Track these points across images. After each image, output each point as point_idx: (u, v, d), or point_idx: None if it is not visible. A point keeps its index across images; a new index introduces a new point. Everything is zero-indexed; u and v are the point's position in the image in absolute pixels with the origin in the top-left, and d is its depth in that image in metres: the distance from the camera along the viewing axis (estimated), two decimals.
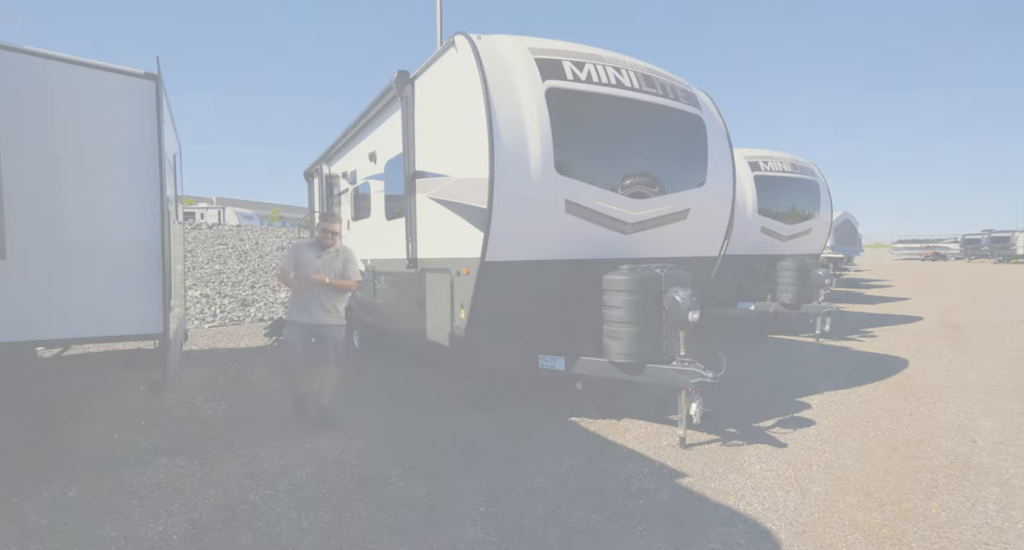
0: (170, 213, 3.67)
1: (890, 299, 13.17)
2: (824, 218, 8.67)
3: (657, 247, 4.27)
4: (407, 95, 4.49)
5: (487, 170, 3.40)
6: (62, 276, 3.13)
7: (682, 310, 3.44)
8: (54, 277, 3.11)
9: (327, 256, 3.93)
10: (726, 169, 4.53)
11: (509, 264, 3.66)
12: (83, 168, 3.18)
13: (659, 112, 4.04)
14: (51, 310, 3.11)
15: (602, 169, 3.84)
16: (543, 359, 4.11)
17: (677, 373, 3.44)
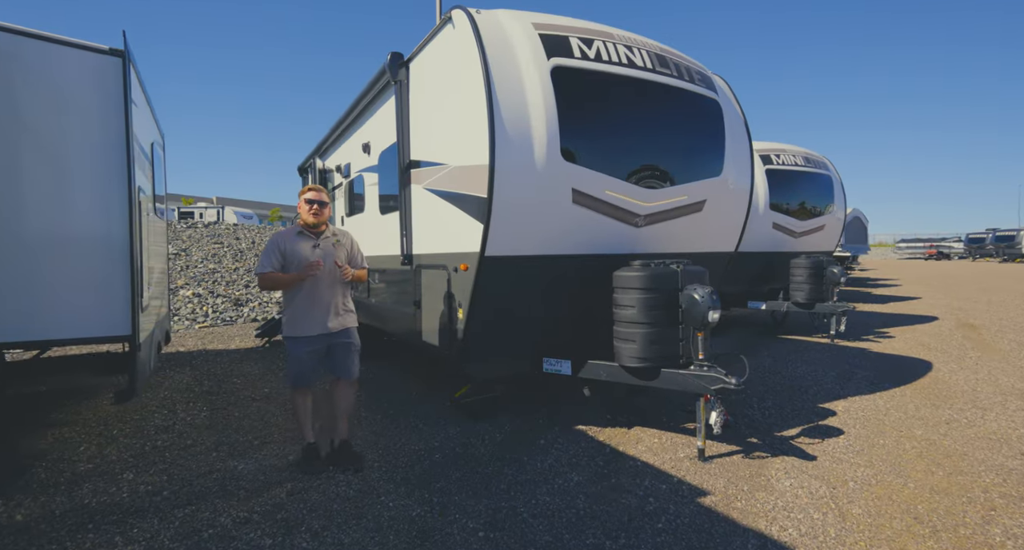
0: (142, 205, 3.35)
1: (900, 298, 12.84)
2: (838, 214, 8.35)
3: (670, 241, 3.95)
4: (401, 79, 4.19)
5: (487, 157, 3.09)
6: (12, 273, 2.82)
7: (701, 309, 3.13)
8: (3, 274, 2.80)
9: (326, 243, 3.11)
10: (744, 158, 4.22)
11: (511, 259, 3.35)
12: (37, 154, 2.86)
13: (674, 95, 3.73)
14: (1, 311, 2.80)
15: (612, 156, 3.52)
16: (548, 362, 3.81)
17: (696, 379, 3.13)
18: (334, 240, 3.15)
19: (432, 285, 3.95)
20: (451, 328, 3.68)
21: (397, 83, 4.19)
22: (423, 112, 3.96)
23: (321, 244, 3.10)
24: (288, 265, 3.00)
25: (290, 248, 3.02)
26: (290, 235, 3.08)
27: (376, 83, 4.73)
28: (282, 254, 3.00)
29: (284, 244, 3.03)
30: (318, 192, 3.09)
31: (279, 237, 3.07)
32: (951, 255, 41.63)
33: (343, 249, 3.17)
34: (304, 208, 3.08)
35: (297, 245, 3.04)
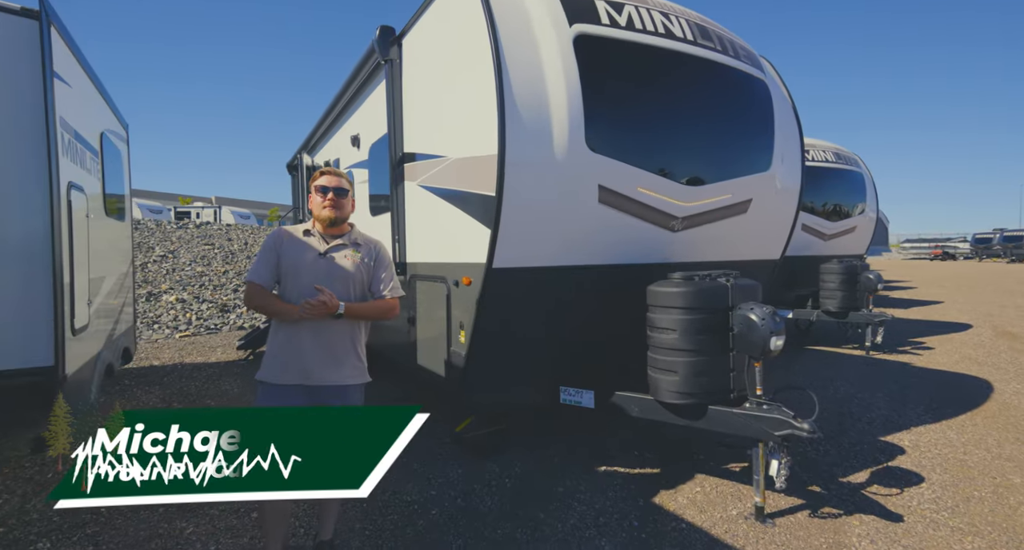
0: (77, 205, 2.75)
1: (921, 302, 12.24)
2: (870, 214, 7.75)
3: (710, 248, 3.36)
4: (393, 58, 3.59)
5: (496, 145, 2.49)
6: None
7: (760, 334, 2.53)
8: None
9: (339, 252, 2.13)
10: (794, 151, 3.62)
11: (524, 272, 2.75)
12: None
13: (718, 72, 3.13)
14: None
15: (646, 145, 2.92)
16: (566, 393, 3.20)
17: (755, 421, 2.53)
18: (352, 251, 2.14)
19: (429, 300, 3.35)
20: (450, 353, 3.08)
21: (388, 62, 3.59)
22: (418, 95, 3.36)
23: (332, 254, 2.11)
24: (285, 276, 2.09)
25: (291, 253, 2.10)
26: (295, 233, 2.16)
27: (364, 65, 4.13)
28: (280, 259, 2.10)
29: (285, 245, 2.11)
30: (336, 177, 2.17)
31: (280, 234, 2.15)
32: (956, 255, 41.12)
33: (362, 266, 2.15)
34: (316, 200, 2.15)
35: (301, 250, 2.11)
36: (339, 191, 2.17)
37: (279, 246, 2.12)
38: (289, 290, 2.09)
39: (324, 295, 1.99)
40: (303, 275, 2.07)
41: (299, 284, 2.07)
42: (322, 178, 2.19)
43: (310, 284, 2.04)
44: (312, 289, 2.02)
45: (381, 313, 2.18)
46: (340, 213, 2.17)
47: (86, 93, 3.24)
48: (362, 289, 2.17)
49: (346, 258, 2.12)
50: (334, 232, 2.18)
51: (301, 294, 2.05)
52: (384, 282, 2.21)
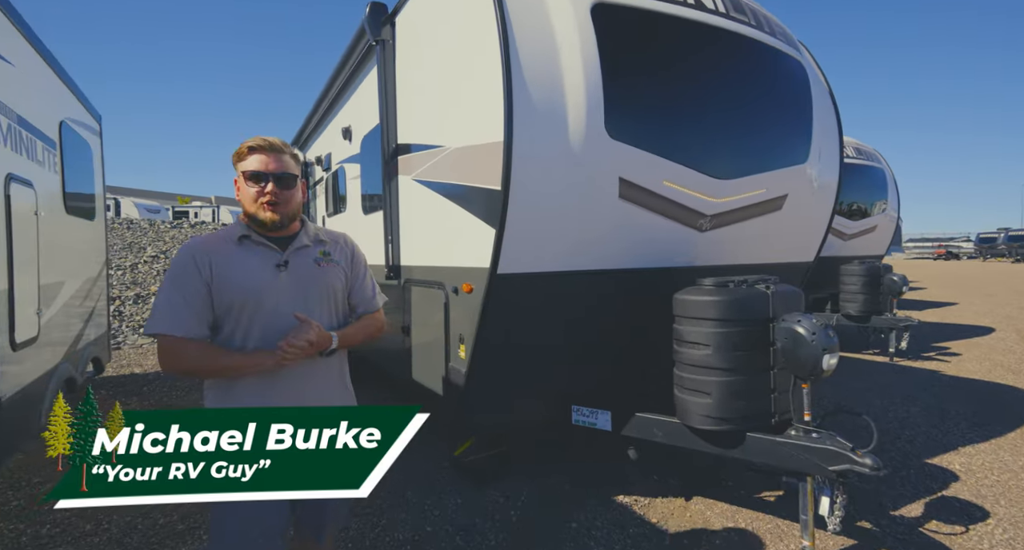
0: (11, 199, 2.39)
1: (936, 304, 11.88)
2: (891, 213, 7.38)
3: (740, 249, 3.00)
4: (385, 38, 3.23)
5: (502, 130, 2.13)
6: None
7: (811, 352, 2.16)
8: None
9: (304, 257, 1.49)
10: (833, 141, 3.25)
11: (532, 278, 2.40)
12: None
13: (753, 50, 2.77)
14: None
15: (672, 131, 2.56)
16: (579, 412, 2.84)
17: (803, 452, 2.17)
18: (320, 253, 1.51)
19: (425, 308, 2.99)
20: (448, 369, 2.72)
21: (379, 43, 3.22)
22: (414, 79, 3.00)
23: (293, 261, 1.45)
24: (231, 313, 1.38)
25: (231, 275, 1.38)
26: (223, 243, 1.43)
27: (354, 49, 3.77)
28: (212, 288, 1.37)
29: (216, 266, 1.38)
30: (275, 155, 1.42)
31: (199, 250, 1.39)
32: (960, 255, 40.78)
33: (339, 272, 1.53)
34: (248, 192, 1.42)
35: (245, 267, 1.40)
36: (282, 179, 1.41)
37: (205, 269, 1.35)
38: (243, 331, 1.38)
39: (310, 328, 1.34)
40: (265, 302, 1.38)
41: (261, 319, 1.37)
42: (252, 157, 1.40)
43: (280, 315, 1.38)
44: (281, 323, 1.36)
45: (373, 334, 1.60)
46: (286, 211, 1.43)
47: (38, 76, 2.88)
48: (344, 304, 1.59)
49: (318, 265, 1.49)
50: (282, 233, 1.49)
51: (267, 334, 1.36)
52: (370, 288, 1.63)
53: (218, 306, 1.39)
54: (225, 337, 1.41)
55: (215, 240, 1.45)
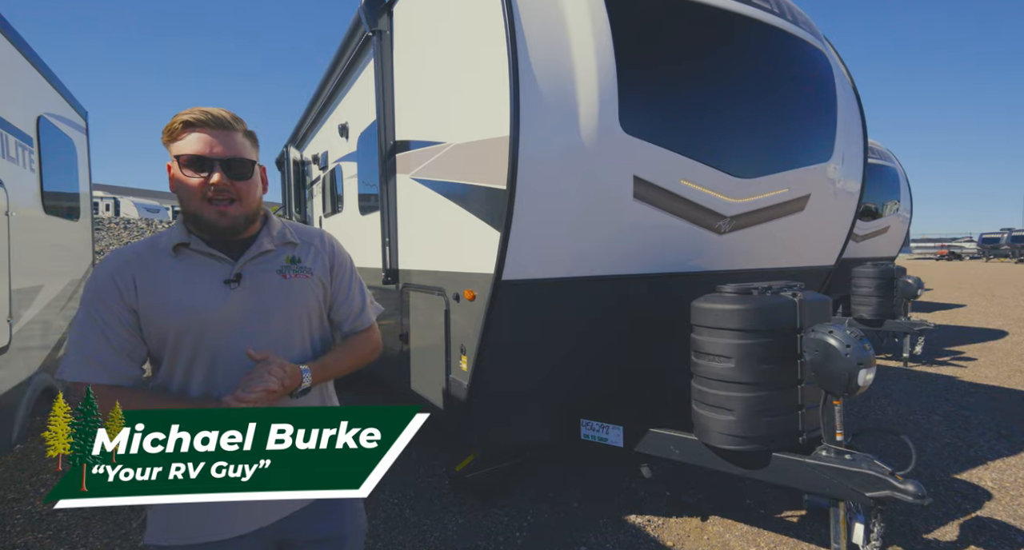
0: None
1: (943, 306, 11.70)
2: (904, 214, 7.20)
3: (759, 253, 2.82)
4: (382, 29, 3.05)
5: (508, 124, 1.95)
6: None
7: (845, 366, 1.98)
8: None
9: (265, 268, 1.13)
10: (857, 138, 3.07)
11: (540, 285, 2.22)
12: None
13: (776, 40, 2.58)
14: None
15: (690, 126, 2.38)
16: (588, 427, 2.66)
17: (836, 475, 1.99)
18: (287, 260, 1.16)
19: (424, 315, 2.81)
20: (449, 381, 2.54)
21: (376, 34, 3.04)
22: (413, 71, 2.82)
23: (249, 274, 1.11)
24: (157, 347, 1.08)
25: (166, 298, 1.05)
26: (152, 255, 1.08)
27: (351, 42, 3.59)
28: (142, 315, 1.05)
29: (145, 288, 1.05)
30: (223, 132, 1.05)
31: (121, 269, 1.06)
32: (963, 256, 40.61)
33: (313, 284, 1.18)
34: (188, 184, 1.05)
35: (183, 287, 1.07)
36: (234, 166, 1.05)
37: (128, 291, 1.03)
38: (183, 371, 1.06)
39: (268, 371, 0.99)
40: (209, 332, 1.04)
41: (205, 355, 1.05)
42: (190, 137, 1.02)
43: (230, 348, 1.05)
44: (232, 359, 1.04)
45: (364, 358, 1.25)
46: (241, 211, 1.07)
47: (8, 64, 2.70)
48: (324, 322, 1.23)
49: (283, 276, 1.12)
50: (234, 237, 1.12)
51: (216, 375, 1.05)
52: (358, 299, 1.27)
53: (149, 339, 1.06)
54: (160, 380, 1.07)
55: (141, 251, 1.09)
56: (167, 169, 1.09)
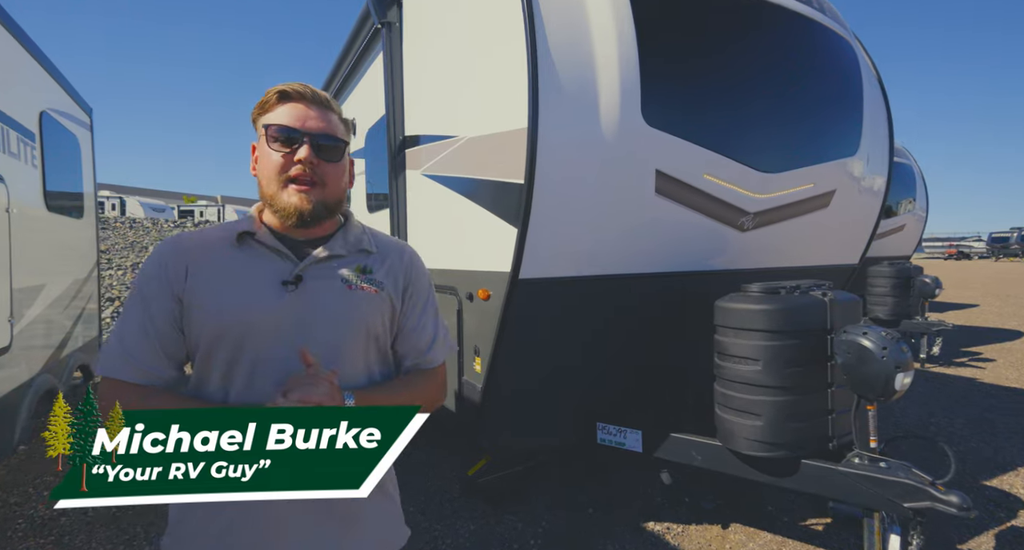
0: None
1: (956, 306, 11.52)
2: (919, 213, 7.06)
3: (783, 250, 2.72)
4: (392, 21, 2.97)
5: (526, 115, 1.86)
6: None
7: (879, 368, 1.88)
8: None
9: (329, 274, 0.97)
10: (883, 132, 2.96)
11: (559, 284, 2.13)
12: None
13: (802, 28, 2.49)
14: None
15: (715, 118, 2.29)
16: (605, 431, 2.57)
17: (870, 484, 1.89)
18: (356, 271, 0.99)
19: None
20: (462, 383, 2.46)
21: (385, 26, 2.96)
22: (423, 64, 2.74)
23: (310, 278, 0.95)
24: (195, 346, 0.93)
25: (202, 288, 0.92)
26: (214, 244, 0.96)
27: (359, 35, 3.51)
28: (186, 307, 0.92)
29: (196, 276, 0.93)
30: (316, 108, 0.94)
31: (174, 252, 0.95)
32: (972, 255, 40.24)
33: (380, 302, 0.99)
34: (271, 160, 0.93)
35: (228, 276, 0.93)
36: (324, 145, 0.94)
37: (178, 280, 0.92)
38: (220, 376, 0.93)
39: (318, 382, 0.85)
40: (253, 338, 0.92)
41: (247, 361, 0.92)
42: (283, 108, 0.94)
43: (277, 358, 0.91)
44: (278, 370, 0.90)
45: (427, 402, 1.02)
46: (324, 197, 0.95)
47: (9, 58, 2.64)
48: (381, 348, 1.02)
49: (348, 287, 0.97)
50: (312, 231, 0.99)
51: (257, 384, 0.92)
52: (429, 332, 1.07)
53: (189, 335, 0.93)
54: (193, 386, 0.95)
55: (203, 239, 0.97)
56: (251, 151, 0.99)
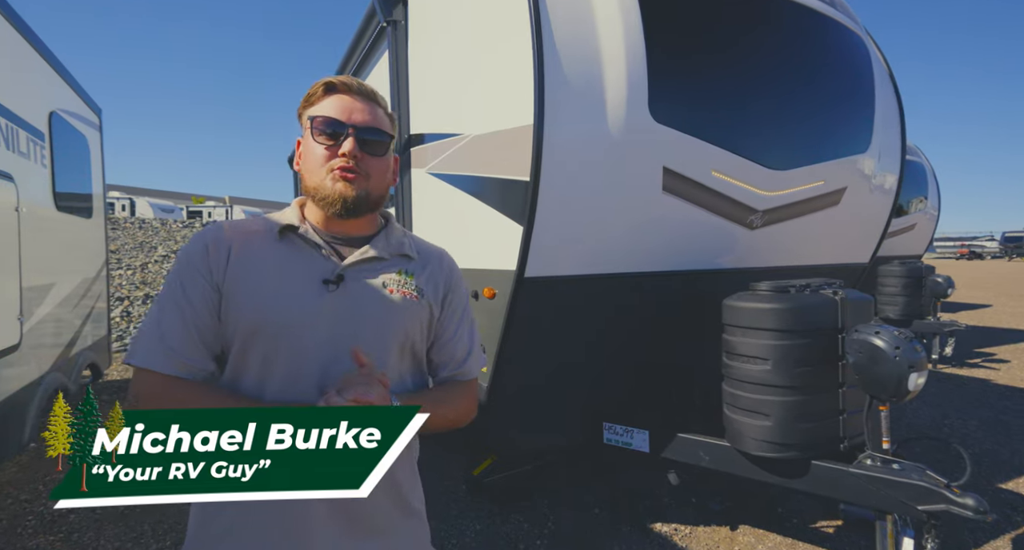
0: None
1: (968, 306, 11.36)
2: (931, 211, 6.96)
3: (791, 249, 2.68)
4: (397, 19, 2.96)
5: (531, 112, 1.85)
6: None
7: (892, 369, 1.85)
8: None
9: (371, 275, 0.94)
10: (895, 129, 2.92)
11: (565, 282, 2.11)
12: None
13: (813, 22, 2.45)
14: None
15: (723, 114, 2.26)
16: (611, 431, 2.55)
17: (883, 486, 1.86)
18: (399, 275, 0.96)
19: None
20: None
21: (391, 25, 2.95)
22: (428, 62, 2.73)
23: (352, 278, 0.93)
24: (230, 338, 0.90)
25: (241, 278, 0.89)
26: (257, 235, 0.94)
27: (365, 34, 3.51)
28: (226, 298, 0.89)
29: (236, 265, 0.90)
30: (363, 100, 0.93)
31: (216, 237, 0.92)
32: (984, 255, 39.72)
33: (418, 306, 0.97)
34: (315, 153, 0.91)
35: (268, 270, 0.91)
36: (369, 139, 0.91)
37: (219, 267, 0.89)
38: (256, 372, 0.90)
39: (372, 381, 0.83)
40: (288, 336, 0.89)
41: (283, 359, 0.89)
42: (329, 100, 0.92)
43: (312, 359, 0.89)
44: (315, 369, 0.89)
45: (457, 417, 1.01)
46: (368, 188, 0.92)
47: (18, 59, 2.66)
48: (416, 356, 1.01)
49: (389, 290, 0.94)
50: (351, 229, 0.97)
51: (293, 381, 0.89)
52: (466, 343, 1.05)
53: (225, 328, 0.90)
54: (231, 379, 0.91)
55: (245, 229, 0.94)
56: (296, 147, 0.98)
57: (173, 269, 0.93)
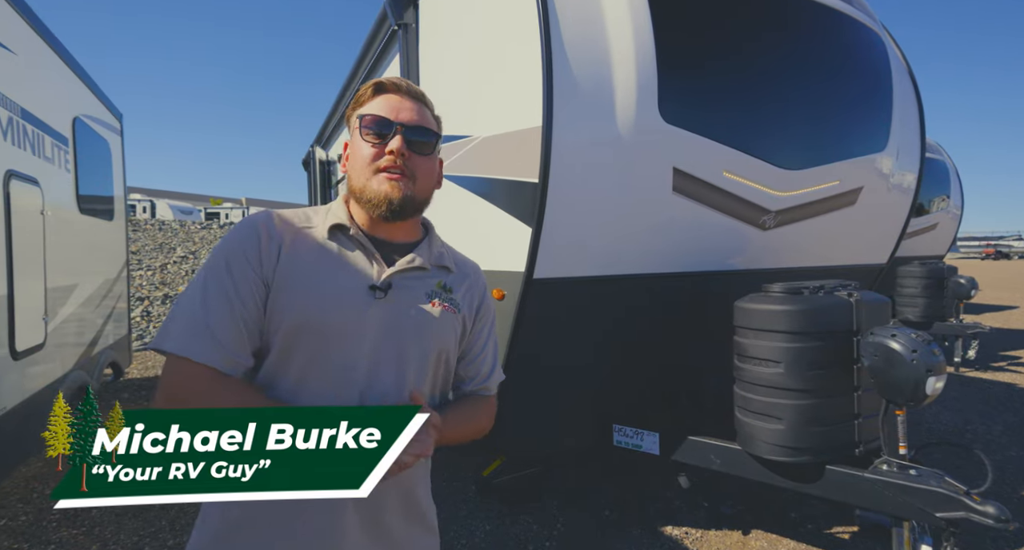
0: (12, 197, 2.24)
1: (992, 308, 11.06)
2: (953, 210, 6.78)
3: (806, 250, 2.64)
4: (408, 22, 2.98)
5: (540, 113, 1.85)
6: None
7: (909, 373, 1.81)
8: None
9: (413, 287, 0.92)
10: (913, 127, 2.86)
11: (574, 283, 2.11)
12: None
13: (828, 20, 2.41)
14: None
15: (735, 114, 2.23)
16: (621, 433, 2.54)
17: (900, 492, 1.82)
18: (438, 285, 0.95)
19: None
20: None
21: (402, 28, 2.98)
22: (439, 65, 2.75)
23: (398, 287, 0.90)
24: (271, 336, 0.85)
25: (292, 274, 0.85)
26: (308, 229, 0.91)
27: (376, 37, 3.55)
28: (273, 291, 0.85)
29: (279, 254, 0.86)
30: (410, 100, 0.92)
31: (270, 224, 0.87)
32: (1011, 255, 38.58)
33: (455, 319, 0.96)
34: (363, 153, 0.89)
35: (319, 269, 0.87)
36: (417, 139, 0.90)
37: (270, 256, 0.85)
38: (295, 374, 0.86)
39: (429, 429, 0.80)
40: (339, 338, 0.86)
41: (324, 364, 0.85)
42: (378, 100, 0.91)
43: (354, 368, 0.86)
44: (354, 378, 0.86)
45: (476, 432, 1.01)
46: (415, 190, 0.90)
47: (44, 67, 2.74)
48: (448, 371, 0.98)
49: (432, 303, 0.93)
50: (395, 233, 0.96)
51: (328, 389, 0.85)
52: (491, 358, 1.05)
53: (268, 322, 0.85)
54: (268, 380, 0.87)
55: (297, 222, 0.91)
56: (343, 149, 0.97)
57: (219, 252, 0.86)
